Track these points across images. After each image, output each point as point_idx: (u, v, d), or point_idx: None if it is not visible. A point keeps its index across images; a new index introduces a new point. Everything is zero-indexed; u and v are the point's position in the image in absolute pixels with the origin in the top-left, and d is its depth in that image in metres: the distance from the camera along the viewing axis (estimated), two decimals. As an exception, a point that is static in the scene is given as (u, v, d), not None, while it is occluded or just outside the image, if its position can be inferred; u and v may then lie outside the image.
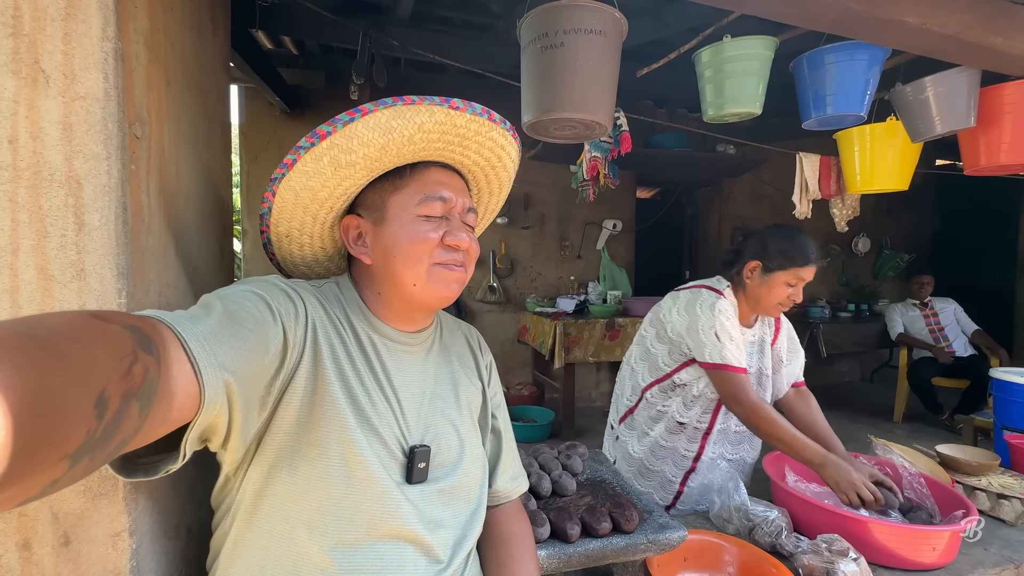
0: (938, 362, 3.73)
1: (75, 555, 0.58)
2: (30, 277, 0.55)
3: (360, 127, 0.63)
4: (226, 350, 0.49)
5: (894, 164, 2.11)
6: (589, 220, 4.40)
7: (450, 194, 0.70)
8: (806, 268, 1.32)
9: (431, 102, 0.63)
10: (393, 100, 0.62)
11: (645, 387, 1.48)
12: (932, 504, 1.22)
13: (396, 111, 0.63)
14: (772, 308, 1.37)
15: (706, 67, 1.70)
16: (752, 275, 1.37)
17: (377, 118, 0.63)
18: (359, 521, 0.63)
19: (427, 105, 0.63)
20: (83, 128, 0.56)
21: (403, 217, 0.69)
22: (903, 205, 5.32)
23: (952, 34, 1.23)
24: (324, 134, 0.64)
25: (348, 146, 0.65)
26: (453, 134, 0.68)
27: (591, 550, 0.86)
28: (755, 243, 1.38)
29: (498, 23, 2.69)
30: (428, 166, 0.72)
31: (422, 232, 0.68)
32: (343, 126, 0.63)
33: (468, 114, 0.66)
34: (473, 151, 0.73)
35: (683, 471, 1.44)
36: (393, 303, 0.72)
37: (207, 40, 0.88)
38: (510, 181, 0.82)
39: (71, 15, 0.55)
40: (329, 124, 0.63)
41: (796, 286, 1.34)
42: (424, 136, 0.66)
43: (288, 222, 0.75)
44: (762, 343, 1.46)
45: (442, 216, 0.70)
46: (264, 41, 3.12)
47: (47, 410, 0.29)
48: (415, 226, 0.68)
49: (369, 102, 0.63)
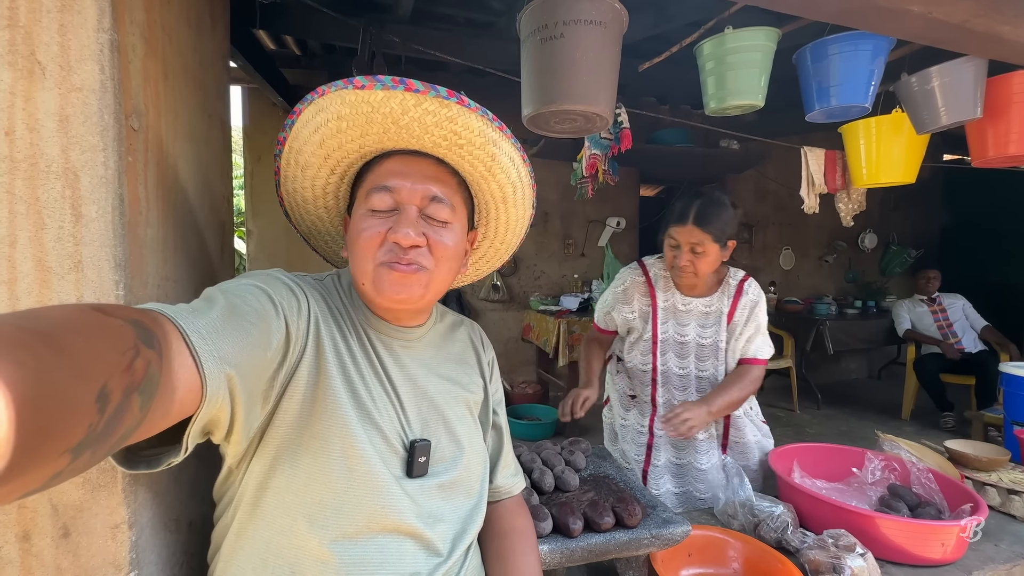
0: (945, 358, 3.69)
1: (75, 547, 0.58)
2: (28, 269, 0.55)
3: (299, 127, 0.64)
4: (228, 344, 0.49)
5: (901, 157, 2.08)
6: (592, 218, 4.39)
7: (400, 182, 0.64)
8: (675, 228, 1.34)
9: (337, 87, 0.59)
10: (311, 94, 0.61)
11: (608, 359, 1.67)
12: (941, 500, 1.20)
13: (316, 105, 0.62)
14: (672, 271, 1.42)
15: (708, 59, 1.68)
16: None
17: (305, 116, 0.63)
18: (359, 515, 0.62)
19: (336, 91, 0.59)
20: (79, 120, 0.56)
21: (356, 213, 0.67)
22: (910, 200, 5.27)
23: (958, 23, 1.21)
24: (282, 140, 0.66)
25: (299, 147, 0.66)
26: (379, 116, 0.61)
27: (593, 545, 0.86)
28: None
29: (500, 20, 2.68)
30: (388, 156, 0.68)
31: (364, 228, 0.64)
32: (290, 129, 0.64)
33: (378, 90, 0.58)
34: (419, 131, 0.63)
35: (644, 448, 1.51)
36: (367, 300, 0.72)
37: (205, 35, 0.88)
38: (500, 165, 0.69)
39: (67, 6, 0.55)
40: (282, 129, 0.65)
41: (677, 247, 1.36)
42: (349, 124, 0.62)
43: (303, 222, 0.78)
44: (719, 314, 1.45)
45: (392, 209, 0.65)
46: (267, 41, 3.14)
47: (49, 404, 0.29)
48: (361, 222, 0.65)
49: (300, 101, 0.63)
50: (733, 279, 1.47)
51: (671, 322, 1.47)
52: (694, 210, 1.31)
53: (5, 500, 0.30)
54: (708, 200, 1.33)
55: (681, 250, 1.34)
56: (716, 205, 1.33)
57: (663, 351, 1.46)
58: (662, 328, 1.46)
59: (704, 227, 1.31)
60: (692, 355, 1.46)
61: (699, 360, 1.46)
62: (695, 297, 1.46)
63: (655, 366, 1.47)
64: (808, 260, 5.20)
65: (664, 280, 1.48)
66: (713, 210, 1.32)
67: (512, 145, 0.69)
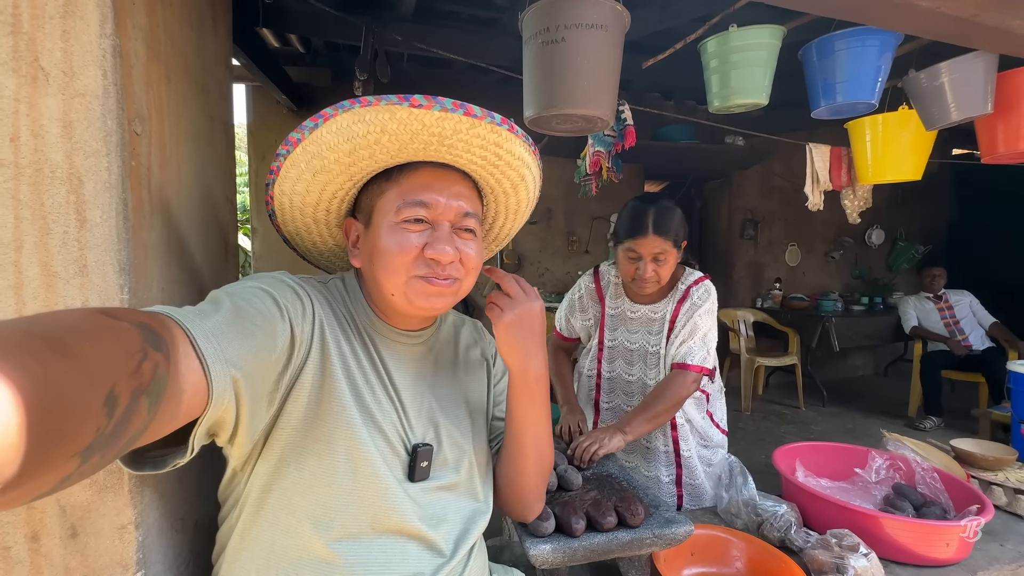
0: (952, 355, 3.66)
1: (83, 547, 0.59)
2: (33, 273, 0.55)
3: (324, 132, 0.61)
4: (234, 346, 0.49)
5: (907, 153, 2.06)
6: (596, 215, 4.38)
7: (435, 198, 0.65)
8: (634, 240, 1.29)
9: (388, 101, 0.58)
10: (351, 102, 0.59)
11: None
12: (946, 499, 1.20)
13: (355, 114, 0.59)
14: (631, 283, 1.38)
15: (712, 57, 1.67)
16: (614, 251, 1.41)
17: (339, 122, 0.60)
18: (363, 516, 0.63)
19: (385, 105, 0.58)
20: (83, 125, 0.56)
21: (384, 224, 0.65)
22: (918, 196, 5.22)
23: (967, 17, 1.19)
24: (295, 141, 0.63)
25: (318, 151, 0.63)
26: (427, 134, 0.61)
27: (596, 544, 0.86)
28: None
29: (503, 17, 2.67)
30: (418, 167, 0.66)
31: (399, 242, 0.63)
32: (309, 132, 0.61)
33: (436, 111, 0.59)
34: (461, 150, 0.65)
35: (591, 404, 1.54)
36: (381, 307, 0.71)
37: (208, 37, 0.88)
38: (525, 184, 0.73)
39: (69, 12, 0.55)
40: (298, 130, 0.62)
41: (636, 259, 1.31)
42: (392, 138, 0.61)
43: (292, 223, 0.76)
44: (663, 320, 1.40)
45: (427, 223, 0.65)
46: (271, 40, 3.14)
47: (57, 409, 0.29)
48: (393, 235, 0.64)
49: (330, 105, 0.60)
50: (683, 283, 1.40)
51: (620, 329, 1.46)
52: (651, 219, 1.27)
53: (16, 503, 0.30)
54: (660, 207, 1.30)
55: (643, 261, 1.30)
56: (668, 210, 1.30)
57: (611, 358, 1.47)
58: (610, 336, 1.47)
59: (664, 235, 1.27)
60: (641, 362, 1.44)
61: (647, 367, 1.43)
62: (644, 304, 1.43)
63: (599, 371, 1.49)
64: (814, 256, 5.17)
65: (615, 287, 1.48)
66: (668, 215, 1.29)
67: (538, 166, 0.74)
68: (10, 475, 0.27)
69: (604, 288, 1.50)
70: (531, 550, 0.82)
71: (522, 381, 0.72)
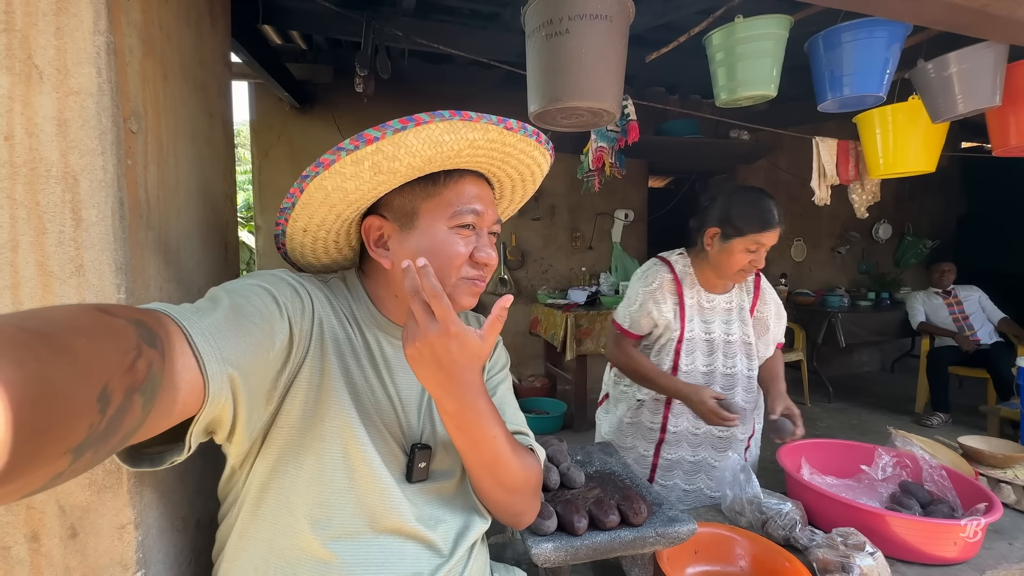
0: (960, 351, 3.62)
1: (82, 547, 0.59)
2: (30, 273, 0.55)
3: (411, 137, 0.60)
4: (231, 344, 0.49)
5: (919, 146, 2.03)
6: (600, 211, 4.36)
7: (483, 208, 0.69)
8: (765, 233, 1.29)
9: (488, 121, 0.62)
10: (450, 114, 0.60)
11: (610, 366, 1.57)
12: (954, 497, 1.18)
13: (451, 125, 0.60)
14: (734, 275, 1.36)
15: (717, 50, 1.64)
16: (712, 242, 1.36)
17: (431, 130, 0.60)
18: (361, 515, 0.63)
19: (484, 124, 0.62)
20: (78, 123, 0.56)
21: (435, 228, 0.66)
22: (926, 190, 5.16)
23: (977, 7, 1.17)
24: (371, 139, 0.60)
25: (394, 154, 0.61)
26: (500, 151, 0.68)
27: (598, 543, 0.85)
28: (715, 209, 1.37)
29: (505, 11, 2.65)
30: (463, 175, 0.69)
31: (454, 247, 0.66)
32: (393, 133, 0.59)
33: (520, 135, 0.66)
34: (512, 166, 0.72)
35: (653, 443, 1.48)
36: (389, 305, 0.71)
37: (205, 34, 0.87)
38: (535, 190, 0.82)
39: (62, 9, 0.55)
40: (379, 130, 0.60)
41: (757, 251, 1.31)
42: (472, 151, 0.65)
43: (309, 217, 0.73)
44: (740, 310, 1.45)
45: (473, 230, 0.68)
46: (272, 37, 3.13)
47: (49, 405, 0.29)
48: (448, 240, 0.66)
49: (424, 112, 0.59)
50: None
51: (696, 320, 1.45)
52: (776, 211, 1.30)
53: (7, 500, 0.30)
54: (772, 199, 1.32)
55: (760, 253, 1.32)
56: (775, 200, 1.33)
57: (689, 350, 1.44)
58: (688, 326, 1.44)
59: (782, 225, 1.31)
60: (719, 352, 1.45)
61: (726, 357, 1.45)
62: (719, 295, 1.45)
63: (677, 364, 1.45)
64: (820, 251, 5.12)
65: (689, 277, 1.46)
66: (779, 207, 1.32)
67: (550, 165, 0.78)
68: (1, 471, 0.27)
69: (681, 278, 1.45)
70: (533, 549, 0.81)
71: (442, 414, 0.63)
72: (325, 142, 3.68)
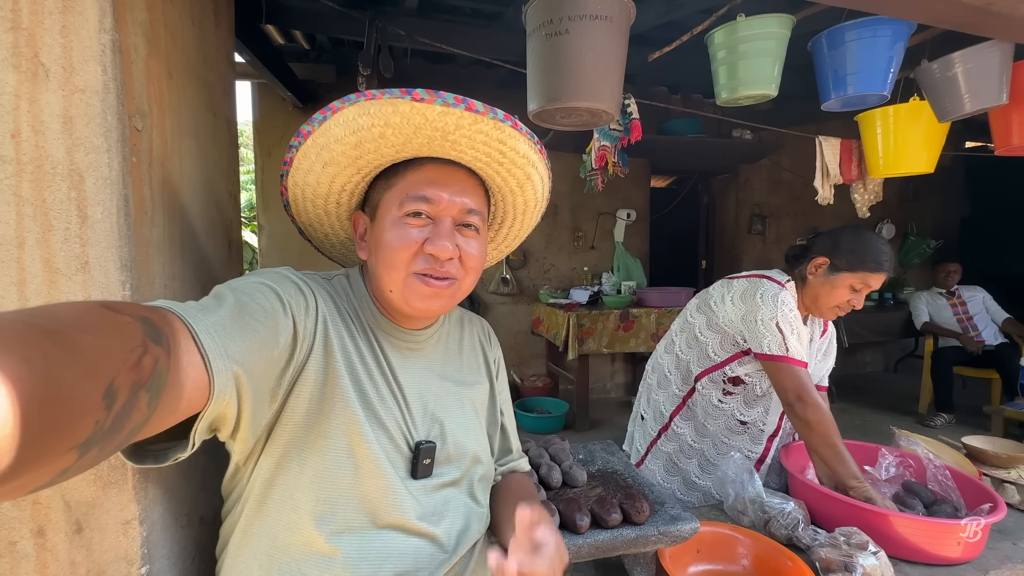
0: (964, 351, 3.61)
1: (87, 542, 0.59)
2: (36, 270, 0.56)
3: (332, 125, 0.62)
4: (236, 342, 0.49)
5: (920, 146, 2.02)
6: (602, 210, 4.35)
7: (438, 193, 0.64)
8: (876, 275, 1.27)
9: (392, 95, 0.58)
10: (356, 96, 0.59)
11: (697, 376, 1.44)
12: (958, 497, 1.18)
13: (361, 107, 0.60)
14: (829, 310, 1.33)
15: (719, 48, 1.64)
16: (817, 272, 1.32)
17: (345, 115, 0.60)
18: (365, 510, 0.63)
19: (389, 99, 0.58)
20: (83, 121, 0.56)
21: (387, 218, 0.66)
22: (930, 189, 5.13)
23: (982, 5, 1.16)
24: (306, 133, 0.63)
25: (326, 143, 0.64)
26: (430, 128, 0.61)
27: (600, 541, 0.86)
28: (827, 240, 1.33)
29: (507, 11, 2.65)
30: (424, 163, 0.66)
31: (399, 236, 0.64)
32: (319, 124, 0.62)
33: (438, 105, 0.58)
34: (465, 147, 0.64)
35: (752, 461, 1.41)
36: (384, 303, 0.71)
37: (209, 32, 0.87)
38: (532, 183, 0.72)
39: (68, 7, 0.55)
40: (309, 123, 0.63)
41: (860, 291, 1.29)
42: (395, 132, 0.61)
43: (305, 214, 0.77)
44: (811, 340, 1.44)
45: (429, 218, 0.65)
46: (276, 36, 3.14)
47: (56, 401, 0.29)
48: (395, 229, 0.64)
49: (339, 99, 0.61)
50: None
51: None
52: (891, 258, 1.28)
53: (13, 496, 0.30)
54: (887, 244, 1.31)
55: (862, 294, 1.30)
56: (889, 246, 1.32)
57: None
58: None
59: (892, 273, 1.32)
60: None
61: None
62: (806, 326, 1.41)
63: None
64: (823, 251, 5.10)
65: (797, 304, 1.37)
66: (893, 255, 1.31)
67: (545, 166, 0.72)
68: (8, 466, 0.27)
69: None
70: (535, 547, 0.81)
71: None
72: (328, 142, 3.69)
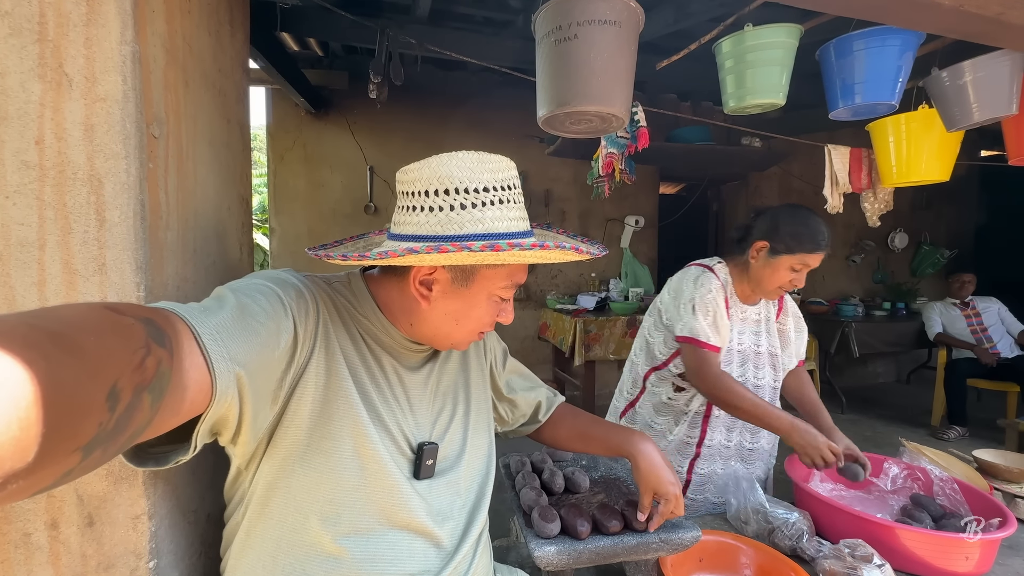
0: (978, 363, 3.54)
1: (99, 535, 0.61)
2: (55, 271, 0.58)
3: (508, 257, 0.64)
4: (238, 343, 0.50)
5: (933, 154, 2.01)
6: (611, 216, 4.36)
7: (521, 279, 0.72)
8: (814, 255, 1.28)
9: (562, 249, 0.63)
10: (508, 245, 0.61)
11: (644, 375, 1.48)
12: (967, 511, 1.16)
13: (536, 254, 0.63)
14: (772, 291, 1.34)
15: (727, 57, 1.65)
16: (758, 256, 1.33)
17: (526, 255, 0.63)
18: (371, 511, 0.64)
19: (517, 251, 0.61)
20: (103, 128, 0.58)
21: (484, 292, 0.69)
22: (944, 198, 5.07)
23: (992, 15, 1.16)
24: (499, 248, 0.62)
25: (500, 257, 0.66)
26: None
27: (601, 548, 0.86)
28: (765, 223, 1.34)
29: (518, 19, 2.68)
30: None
31: (490, 312, 0.71)
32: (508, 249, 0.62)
33: (555, 251, 0.64)
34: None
35: (688, 459, 1.43)
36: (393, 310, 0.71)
37: (225, 42, 0.90)
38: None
39: (92, 20, 0.57)
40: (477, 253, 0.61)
41: (800, 271, 1.30)
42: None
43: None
44: (767, 321, 1.44)
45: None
46: (290, 43, 3.20)
47: (59, 404, 0.29)
48: (489, 304, 0.70)
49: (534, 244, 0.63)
50: None
51: (734, 331, 1.41)
52: (827, 234, 1.29)
53: (17, 497, 0.30)
54: (823, 221, 1.31)
55: (803, 274, 1.30)
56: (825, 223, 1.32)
57: (727, 361, 1.40)
58: (729, 337, 1.40)
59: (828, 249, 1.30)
60: (749, 363, 1.42)
61: (756, 368, 1.42)
62: (750, 306, 1.42)
63: None
64: (834, 260, 5.05)
65: (729, 287, 1.41)
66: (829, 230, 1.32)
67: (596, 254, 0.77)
68: (12, 468, 0.27)
69: (724, 287, 1.39)
70: (536, 552, 0.82)
71: None
72: (339, 147, 3.75)
